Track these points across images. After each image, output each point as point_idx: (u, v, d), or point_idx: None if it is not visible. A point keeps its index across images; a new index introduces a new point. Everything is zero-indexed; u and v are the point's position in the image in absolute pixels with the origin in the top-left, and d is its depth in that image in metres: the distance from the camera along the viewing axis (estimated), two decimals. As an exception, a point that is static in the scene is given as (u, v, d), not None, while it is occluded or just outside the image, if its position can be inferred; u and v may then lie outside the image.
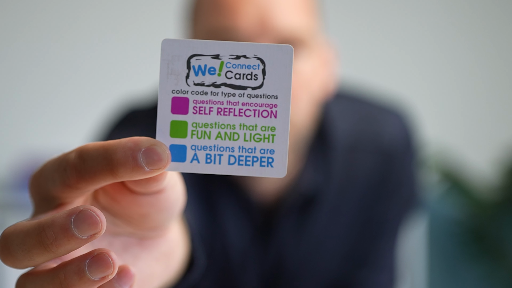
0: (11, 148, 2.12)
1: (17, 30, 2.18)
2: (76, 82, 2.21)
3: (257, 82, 0.35)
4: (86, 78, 2.21)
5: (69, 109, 2.20)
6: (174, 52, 0.34)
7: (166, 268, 0.40)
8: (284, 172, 0.34)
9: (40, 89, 2.19)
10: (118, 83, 2.18)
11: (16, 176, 2.00)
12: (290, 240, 0.92)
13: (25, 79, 2.19)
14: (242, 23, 0.81)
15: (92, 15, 2.21)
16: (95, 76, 2.21)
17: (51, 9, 2.19)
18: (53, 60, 2.20)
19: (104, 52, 2.21)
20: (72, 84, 2.20)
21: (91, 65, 2.21)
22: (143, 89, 1.76)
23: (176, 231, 0.42)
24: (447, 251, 2.18)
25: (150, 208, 0.37)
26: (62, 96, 2.20)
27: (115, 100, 1.66)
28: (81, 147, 0.34)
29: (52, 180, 0.35)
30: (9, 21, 2.18)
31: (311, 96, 0.86)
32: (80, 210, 0.31)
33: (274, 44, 0.35)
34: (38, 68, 2.19)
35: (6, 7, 2.18)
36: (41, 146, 2.14)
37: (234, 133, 0.35)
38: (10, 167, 2.08)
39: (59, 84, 2.20)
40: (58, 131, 2.18)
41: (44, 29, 2.19)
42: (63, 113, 2.20)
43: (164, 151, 0.33)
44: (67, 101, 2.20)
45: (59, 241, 0.31)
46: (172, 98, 0.35)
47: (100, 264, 0.31)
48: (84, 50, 2.21)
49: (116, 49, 2.22)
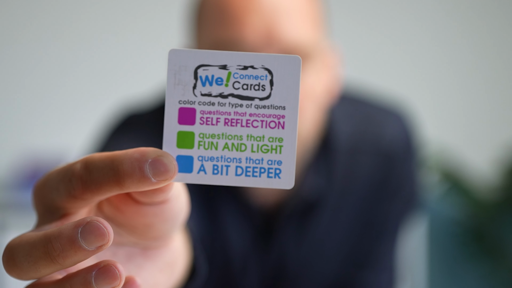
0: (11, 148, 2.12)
1: (17, 32, 2.18)
2: (76, 83, 2.20)
3: (264, 92, 0.34)
4: (86, 80, 2.21)
5: (69, 110, 2.20)
6: (181, 62, 0.34)
7: (169, 277, 0.40)
8: (292, 184, 0.34)
9: (40, 90, 2.19)
10: (118, 85, 2.18)
11: (16, 176, 2.00)
12: (291, 243, 0.92)
13: (26, 80, 2.19)
14: (248, 35, 0.80)
15: (93, 16, 2.21)
16: (95, 78, 2.21)
17: (52, 11, 2.19)
18: (54, 62, 2.19)
19: (105, 55, 2.21)
20: (72, 86, 2.20)
21: (91, 67, 2.21)
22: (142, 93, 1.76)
23: (179, 241, 0.42)
24: (447, 251, 2.18)
25: (155, 218, 0.37)
26: (63, 97, 2.20)
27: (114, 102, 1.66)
28: (86, 158, 0.34)
29: (57, 190, 0.34)
30: (10, 23, 2.18)
31: (316, 106, 0.86)
32: (88, 222, 0.31)
33: (282, 54, 0.34)
34: (39, 69, 2.19)
35: (7, 9, 2.17)
36: (41, 146, 2.14)
37: (241, 144, 0.34)
38: (10, 167, 2.08)
39: (59, 85, 2.20)
40: (58, 131, 2.18)
41: (45, 31, 2.19)
42: (63, 113, 2.20)
43: (171, 162, 0.32)
44: (68, 102, 2.20)
45: (66, 253, 0.31)
46: (179, 109, 0.34)
47: (107, 276, 0.31)
48: (85, 52, 2.20)
49: (116, 52, 2.21)
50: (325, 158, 0.92)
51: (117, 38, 2.21)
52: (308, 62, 0.83)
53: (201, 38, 0.85)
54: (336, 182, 0.92)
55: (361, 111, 0.97)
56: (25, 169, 2.00)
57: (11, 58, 2.18)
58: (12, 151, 2.11)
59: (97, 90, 2.19)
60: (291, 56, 0.34)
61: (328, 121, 0.94)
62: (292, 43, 0.81)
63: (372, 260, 0.96)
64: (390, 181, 0.94)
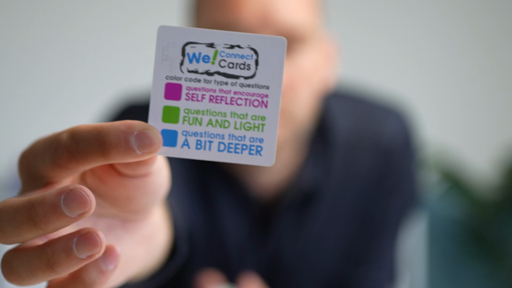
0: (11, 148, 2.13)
1: (16, 30, 2.19)
2: (75, 79, 2.21)
3: (249, 72, 0.35)
4: (85, 75, 2.21)
5: (70, 107, 2.20)
6: (170, 39, 0.35)
7: (147, 251, 0.41)
8: (272, 161, 0.35)
9: (40, 88, 2.20)
10: (117, 78, 2.18)
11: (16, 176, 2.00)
12: (289, 236, 0.92)
13: (25, 77, 2.19)
14: (245, 18, 0.81)
15: (91, 10, 2.21)
16: (95, 73, 2.21)
17: (50, 6, 2.20)
18: (52, 59, 2.20)
19: (103, 48, 2.22)
20: (72, 82, 2.21)
21: (90, 61, 2.21)
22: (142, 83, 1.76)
23: (159, 216, 0.43)
24: (447, 251, 2.18)
25: (136, 191, 0.37)
26: (63, 94, 2.21)
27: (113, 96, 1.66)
28: (73, 128, 0.34)
29: (42, 159, 0.35)
30: (8, 20, 2.18)
31: (312, 90, 0.86)
32: (71, 189, 0.31)
33: (268, 35, 0.35)
34: (38, 66, 2.19)
35: (6, 8, 2.18)
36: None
37: (225, 121, 0.35)
38: (10, 167, 2.08)
39: (58, 82, 2.20)
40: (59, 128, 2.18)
41: (43, 27, 2.19)
42: (64, 110, 2.20)
43: (156, 135, 0.33)
44: (69, 99, 2.20)
45: (48, 218, 0.31)
46: (166, 84, 0.35)
47: (88, 243, 0.32)
48: (83, 47, 2.21)
49: (115, 44, 2.22)
50: (323, 152, 0.93)
51: (116, 27, 2.21)
52: (304, 45, 0.84)
53: (199, 22, 0.87)
54: (334, 176, 0.93)
55: (362, 108, 0.97)
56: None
57: (10, 57, 2.18)
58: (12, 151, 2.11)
59: (96, 87, 2.19)
60: (277, 37, 0.35)
61: (327, 114, 0.94)
62: (288, 26, 0.82)
63: (370, 257, 0.96)
64: (388, 178, 0.95)
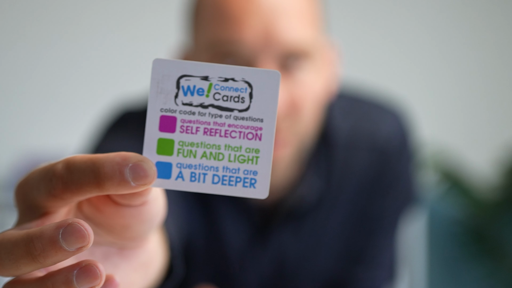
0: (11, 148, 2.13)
1: (15, 32, 2.19)
2: (74, 83, 2.21)
3: (244, 105, 0.36)
4: (84, 79, 2.21)
5: (69, 110, 2.20)
6: (164, 71, 0.35)
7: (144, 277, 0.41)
8: (266, 194, 0.35)
9: (40, 90, 2.20)
10: (116, 83, 2.18)
11: (16, 176, 2.00)
12: (289, 241, 0.92)
13: (25, 79, 2.19)
14: (247, 36, 0.79)
15: (89, 16, 2.21)
16: (93, 77, 2.21)
17: (48, 11, 2.20)
18: (52, 61, 2.20)
19: (101, 53, 2.22)
20: (71, 85, 2.21)
21: (89, 66, 2.21)
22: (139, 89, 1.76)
23: (155, 242, 0.43)
24: (447, 251, 2.18)
25: (132, 220, 0.37)
26: (62, 96, 2.21)
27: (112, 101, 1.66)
28: (68, 159, 0.34)
29: (38, 189, 0.35)
30: (9, 22, 2.18)
31: (316, 104, 0.86)
32: (69, 223, 0.32)
33: (262, 69, 0.35)
34: (38, 68, 2.19)
35: (5, 9, 2.18)
36: (41, 146, 2.15)
37: (219, 153, 0.35)
38: (10, 167, 2.08)
39: (58, 85, 2.20)
40: (57, 131, 2.18)
41: (43, 30, 2.19)
42: (63, 113, 2.20)
43: (150, 167, 0.33)
44: (67, 102, 2.20)
45: (47, 253, 0.32)
46: (161, 117, 0.35)
47: (88, 275, 0.32)
48: (82, 51, 2.21)
49: (113, 50, 2.22)
50: (325, 157, 0.93)
51: (113, 35, 2.22)
52: (308, 62, 0.83)
53: (198, 37, 0.85)
54: (334, 179, 0.93)
55: (359, 108, 0.97)
56: (24, 169, 2.01)
57: (10, 58, 2.18)
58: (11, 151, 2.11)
59: (94, 88, 2.20)
60: (271, 71, 0.35)
61: (327, 117, 0.94)
62: (290, 44, 0.81)
63: (368, 256, 0.96)
64: (385, 177, 0.95)
